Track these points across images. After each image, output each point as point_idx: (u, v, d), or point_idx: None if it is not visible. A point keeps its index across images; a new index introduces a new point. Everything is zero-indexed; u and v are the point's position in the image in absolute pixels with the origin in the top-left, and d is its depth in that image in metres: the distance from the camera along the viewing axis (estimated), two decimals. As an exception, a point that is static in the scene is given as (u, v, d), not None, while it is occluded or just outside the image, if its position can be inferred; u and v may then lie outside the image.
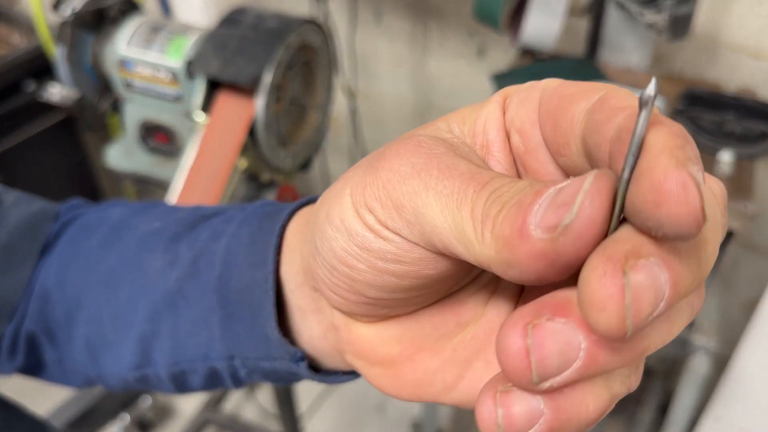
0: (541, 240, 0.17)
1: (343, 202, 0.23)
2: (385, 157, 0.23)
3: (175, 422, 1.91)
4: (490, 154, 0.24)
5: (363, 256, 0.23)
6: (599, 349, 0.18)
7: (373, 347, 0.26)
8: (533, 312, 0.18)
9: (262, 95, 0.82)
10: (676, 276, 0.17)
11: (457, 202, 0.20)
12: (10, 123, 1.69)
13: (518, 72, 1.11)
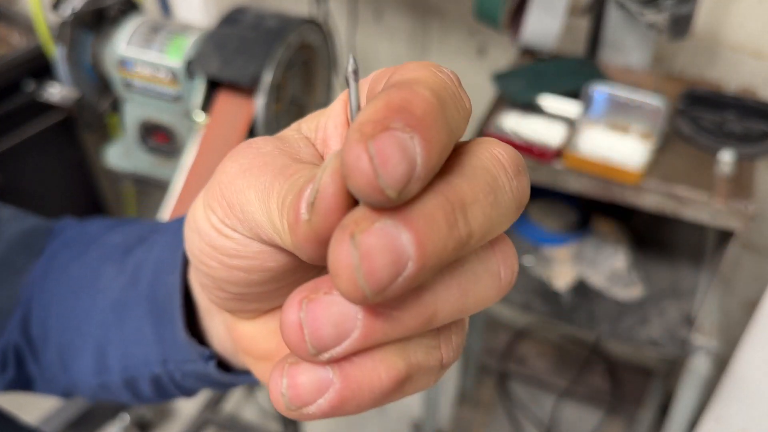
0: (306, 222, 0.18)
1: (197, 205, 0.25)
2: (223, 161, 0.24)
3: (174, 423, 1.91)
4: (328, 148, 0.24)
5: (213, 253, 0.24)
6: (376, 319, 0.18)
7: (256, 342, 0.28)
8: (311, 287, 0.19)
9: (261, 95, 0.81)
10: (420, 235, 0.17)
11: (267, 195, 0.21)
12: (9, 123, 1.69)
13: (518, 72, 1.11)
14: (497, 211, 0.19)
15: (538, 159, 0.94)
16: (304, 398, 0.19)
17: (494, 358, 1.95)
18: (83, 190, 2.02)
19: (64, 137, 1.89)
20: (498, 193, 0.19)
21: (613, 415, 1.80)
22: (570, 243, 1.17)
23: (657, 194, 0.91)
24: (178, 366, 0.33)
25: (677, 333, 1.04)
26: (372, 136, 0.16)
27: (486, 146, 0.21)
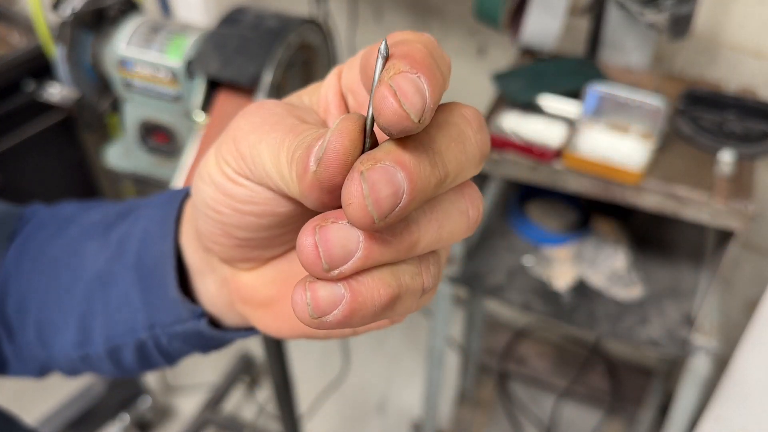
0: (313, 173, 0.23)
1: (209, 160, 0.29)
2: (236, 119, 0.28)
3: (174, 423, 1.91)
4: (329, 114, 0.29)
5: (226, 201, 0.28)
6: (373, 242, 0.23)
7: (256, 290, 0.32)
8: (322, 217, 0.23)
9: (261, 95, 0.81)
10: (411, 173, 0.22)
11: (278, 149, 0.25)
12: (9, 123, 1.69)
13: (518, 71, 1.11)
14: (466, 156, 0.24)
15: (538, 159, 0.94)
16: (323, 308, 0.23)
17: (494, 358, 1.95)
18: (83, 190, 2.02)
19: (64, 137, 1.89)
20: (465, 143, 0.24)
21: (613, 415, 1.80)
22: (570, 243, 1.17)
23: (657, 194, 0.91)
24: (166, 329, 0.36)
25: (677, 333, 1.04)
26: (392, 78, 0.21)
27: (455, 107, 0.25)
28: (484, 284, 1.13)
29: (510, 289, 1.11)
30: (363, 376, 2.04)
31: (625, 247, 1.17)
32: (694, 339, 1.02)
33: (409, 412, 1.90)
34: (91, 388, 1.71)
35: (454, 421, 1.82)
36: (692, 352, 1.03)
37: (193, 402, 1.92)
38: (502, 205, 1.28)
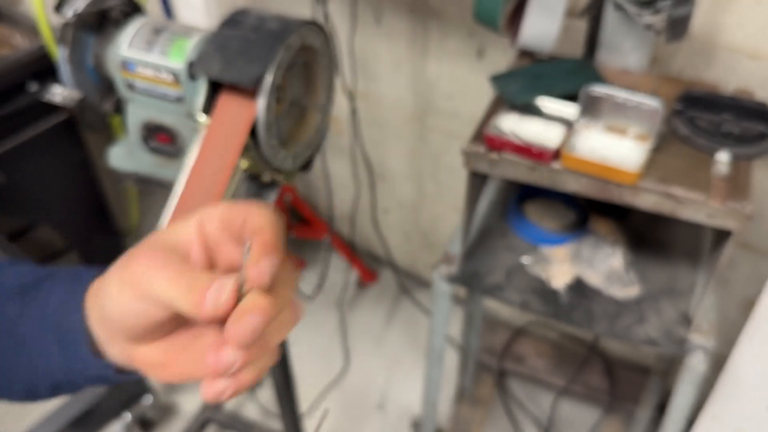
0: (208, 308, 0.38)
1: (110, 284, 0.42)
2: (135, 255, 0.42)
3: (176, 421, 1.92)
4: (193, 254, 0.43)
5: (126, 314, 0.41)
6: (246, 353, 0.39)
7: (150, 357, 0.44)
8: (218, 342, 0.39)
9: (263, 96, 0.82)
10: (266, 314, 0.38)
11: (173, 283, 0.39)
12: (12, 123, 1.70)
13: (517, 73, 1.12)
14: (292, 289, 0.43)
15: (536, 159, 0.95)
16: (223, 393, 0.41)
17: (493, 357, 1.96)
18: (86, 189, 2.03)
19: (67, 138, 1.90)
20: (292, 281, 0.43)
21: (611, 413, 1.81)
22: (568, 243, 1.18)
23: (654, 194, 0.92)
24: (81, 374, 0.48)
25: (674, 332, 1.05)
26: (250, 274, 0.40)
27: (285, 262, 0.42)
28: (483, 283, 1.14)
29: (508, 289, 1.12)
30: (363, 374, 2.05)
31: (623, 246, 1.18)
32: (691, 338, 1.03)
33: (409, 410, 1.91)
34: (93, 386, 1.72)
35: (453, 419, 1.83)
36: (689, 351, 1.04)
37: (195, 401, 1.93)
38: (501, 206, 1.29)
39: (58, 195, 1.94)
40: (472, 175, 1.04)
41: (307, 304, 2.24)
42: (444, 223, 2.07)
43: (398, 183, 2.10)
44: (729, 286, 1.55)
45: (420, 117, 1.86)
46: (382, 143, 2.02)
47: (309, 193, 2.43)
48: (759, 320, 1.05)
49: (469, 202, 1.11)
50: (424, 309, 2.21)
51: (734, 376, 1.14)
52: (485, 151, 0.99)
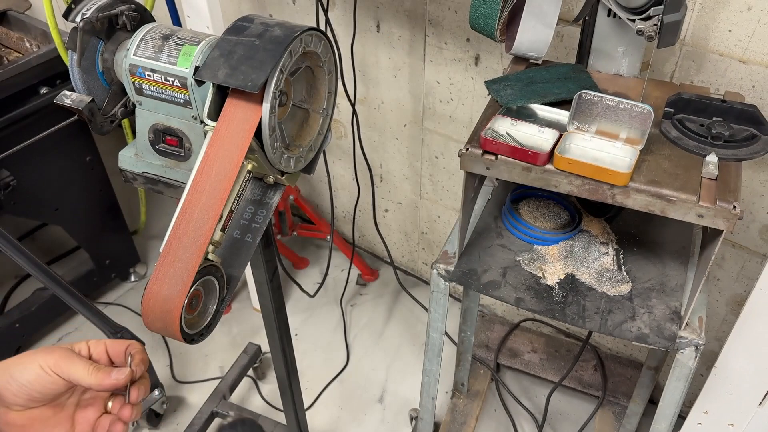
0: (109, 382, 0.66)
1: (32, 363, 0.64)
2: (51, 350, 0.65)
3: (183, 414, 1.95)
4: (103, 355, 0.70)
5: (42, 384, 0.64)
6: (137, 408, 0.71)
7: (16, 421, 0.64)
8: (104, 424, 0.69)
9: (267, 101, 0.85)
10: (147, 387, 0.71)
11: (83, 367, 0.64)
12: (24, 126, 1.72)
13: (512, 78, 1.15)
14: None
15: (530, 162, 0.98)
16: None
17: (489, 352, 1.99)
18: (96, 190, 2.05)
19: (78, 140, 1.93)
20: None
21: (603, 407, 1.83)
22: (561, 242, 1.20)
23: (645, 195, 0.94)
24: None
25: (665, 328, 1.07)
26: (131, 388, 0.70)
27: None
28: (479, 281, 1.16)
29: (504, 286, 1.15)
30: (363, 369, 2.07)
31: (615, 245, 1.21)
32: (681, 334, 1.05)
33: (408, 403, 1.94)
34: None
35: (450, 412, 1.86)
36: (680, 347, 1.05)
37: (201, 394, 1.96)
38: (497, 206, 1.31)
39: (69, 196, 1.97)
40: (469, 176, 1.07)
41: (310, 301, 2.27)
42: (441, 222, 2.10)
43: (397, 184, 2.12)
44: (718, 283, 1.57)
45: (418, 120, 1.89)
46: (382, 146, 2.05)
47: (312, 194, 2.45)
48: (748, 317, 1.07)
49: (466, 202, 1.13)
50: (422, 306, 2.24)
51: (725, 372, 1.16)
52: (481, 153, 1.01)
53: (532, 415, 1.89)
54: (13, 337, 2.03)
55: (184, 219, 0.82)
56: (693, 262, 1.18)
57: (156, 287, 0.78)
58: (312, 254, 2.46)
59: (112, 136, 1.22)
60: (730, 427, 1.21)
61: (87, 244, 2.13)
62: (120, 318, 1.87)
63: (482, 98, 1.69)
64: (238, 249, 0.96)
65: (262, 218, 0.99)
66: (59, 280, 1.49)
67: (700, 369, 1.69)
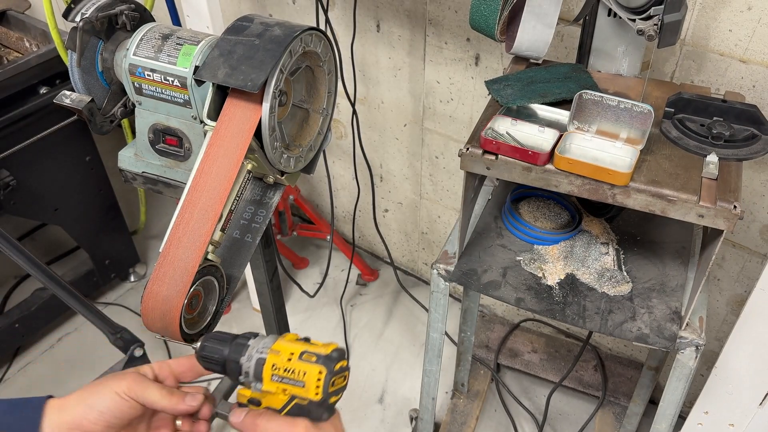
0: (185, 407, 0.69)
1: (105, 391, 0.66)
2: (122, 375, 0.67)
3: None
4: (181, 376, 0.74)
5: (118, 409, 0.66)
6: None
7: None
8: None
9: (267, 100, 0.85)
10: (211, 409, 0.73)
11: (160, 392, 0.67)
12: (24, 126, 1.72)
13: (512, 78, 1.15)
14: None
15: (530, 161, 0.98)
16: None
17: (489, 352, 1.99)
18: (96, 190, 2.05)
19: (78, 140, 1.92)
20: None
21: (604, 407, 1.83)
22: (561, 242, 1.20)
23: (646, 195, 0.94)
24: None
25: (665, 328, 1.06)
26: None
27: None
28: (479, 281, 1.16)
29: (504, 286, 1.15)
30: (364, 369, 2.07)
31: (615, 245, 1.21)
32: (681, 334, 1.05)
33: (408, 404, 1.94)
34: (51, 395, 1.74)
35: (450, 412, 1.86)
36: (680, 347, 1.05)
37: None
38: (497, 206, 1.31)
39: (69, 196, 1.96)
40: (469, 176, 1.07)
41: (310, 301, 2.27)
42: (442, 222, 2.10)
43: (397, 184, 2.12)
44: (719, 283, 1.57)
45: (418, 120, 1.89)
46: (382, 146, 2.05)
47: (312, 194, 2.45)
48: (749, 317, 1.07)
49: (466, 202, 1.13)
50: (422, 306, 2.24)
51: (725, 372, 1.16)
52: (481, 153, 1.01)
53: (533, 415, 1.89)
54: (13, 337, 2.03)
55: (184, 219, 0.81)
56: (693, 262, 1.18)
57: (156, 287, 0.78)
58: (312, 254, 2.46)
59: (111, 136, 1.22)
60: (730, 427, 1.21)
61: (87, 244, 2.13)
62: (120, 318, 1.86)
63: (482, 98, 1.68)
64: (238, 249, 0.96)
65: (262, 218, 0.99)
66: (59, 280, 1.48)
67: (700, 369, 1.69)
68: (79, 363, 2.07)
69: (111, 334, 1.63)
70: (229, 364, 0.66)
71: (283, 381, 0.64)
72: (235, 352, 0.66)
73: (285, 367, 0.64)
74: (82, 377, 1.99)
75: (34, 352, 2.11)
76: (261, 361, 0.65)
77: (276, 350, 0.65)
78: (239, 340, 0.67)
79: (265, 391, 0.65)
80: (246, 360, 0.66)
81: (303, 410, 0.64)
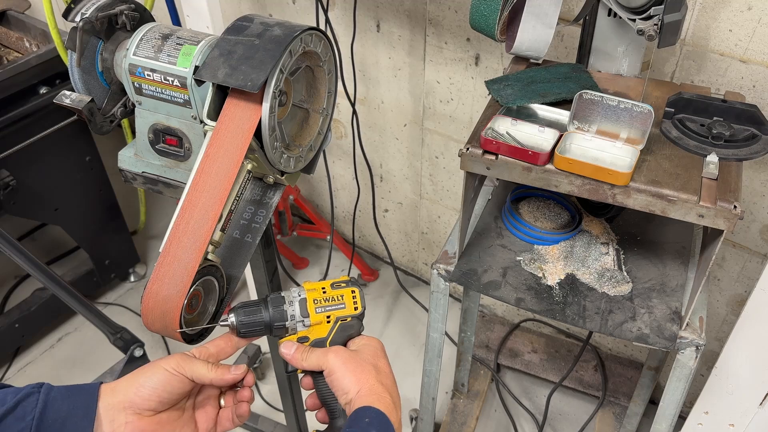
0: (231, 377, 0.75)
1: (156, 369, 0.71)
2: (172, 354, 0.73)
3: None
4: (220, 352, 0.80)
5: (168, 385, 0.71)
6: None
7: (149, 427, 0.70)
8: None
9: (267, 100, 0.85)
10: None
11: (207, 368, 0.73)
12: (24, 126, 1.72)
13: (512, 78, 1.15)
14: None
15: (530, 161, 0.98)
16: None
17: (489, 352, 1.99)
18: (96, 190, 2.05)
19: (78, 140, 1.93)
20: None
21: (604, 408, 1.83)
22: (561, 242, 1.20)
23: (646, 195, 0.94)
24: None
25: (665, 328, 1.07)
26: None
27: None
28: (479, 281, 1.16)
29: (504, 286, 1.15)
30: (363, 370, 2.07)
31: (615, 245, 1.21)
32: (681, 334, 1.05)
33: (408, 404, 1.94)
34: (104, 381, 1.74)
35: (451, 413, 1.86)
36: (680, 347, 1.05)
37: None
38: (497, 206, 1.31)
39: (69, 196, 1.96)
40: (469, 176, 1.07)
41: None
42: (442, 222, 2.10)
43: (397, 184, 2.12)
44: (719, 283, 1.57)
45: (418, 120, 1.89)
46: (382, 146, 2.05)
47: (312, 194, 2.45)
48: (749, 317, 1.07)
49: (466, 202, 1.13)
50: (422, 306, 2.24)
51: (725, 372, 1.16)
52: (481, 153, 1.01)
53: (533, 415, 1.89)
54: (13, 337, 2.03)
55: (184, 219, 0.81)
56: (693, 262, 1.18)
57: (156, 287, 0.78)
58: (312, 254, 2.46)
59: (111, 136, 1.22)
60: (730, 427, 1.21)
61: (87, 244, 2.13)
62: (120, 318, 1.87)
63: (482, 98, 1.68)
64: (238, 249, 0.96)
65: (262, 218, 0.99)
66: (59, 281, 1.49)
67: (700, 369, 1.69)
68: (79, 363, 2.07)
69: (111, 334, 1.63)
70: (275, 317, 0.77)
71: (326, 309, 0.79)
72: (275, 308, 0.78)
73: (324, 297, 0.79)
74: (82, 377, 1.99)
75: (34, 352, 2.12)
76: (304, 301, 0.78)
77: (311, 289, 0.79)
78: (271, 299, 0.78)
79: (313, 323, 0.78)
80: (289, 306, 0.78)
81: (347, 327, 0.80)
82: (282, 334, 0.79)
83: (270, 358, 2.00)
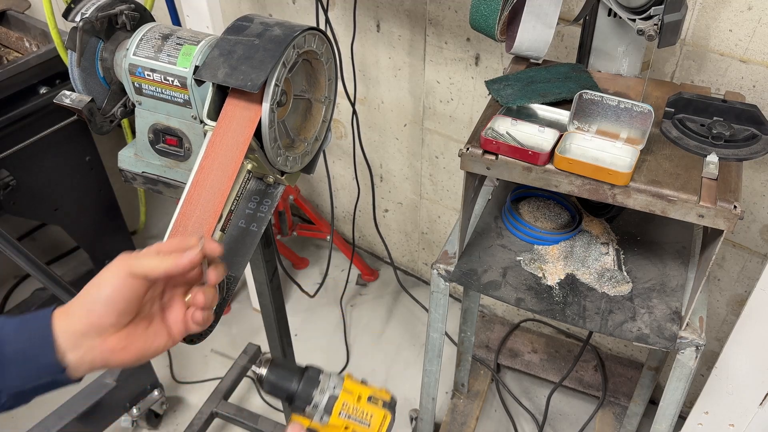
0: (184, 262, 0.63)
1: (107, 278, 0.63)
2: (114, 262, 0.64)
3: (182, 415, 1.95)
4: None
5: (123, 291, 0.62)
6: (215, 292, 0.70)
7: (115, 345, 0.63)
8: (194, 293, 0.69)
9: (267, 100, 0.85)
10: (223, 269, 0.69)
11: (152, 256, 0.63)
12: (23, 126, 1.72)
13: (512, 78, 1.15)
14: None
15: (530, 161, 0.98)
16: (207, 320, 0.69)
17: (489, 352, 1.99)
18: (96, 190, 2.05)
19: (78, 139, 1.92)
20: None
21: (604, 408, 1.83)
22: (561, 242, 1.20)
23: (646, 195, 0.94)
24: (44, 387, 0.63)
25: (666, 328, 1.07)
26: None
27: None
28: (479, 281, 1.16)
29: (504, 287, 1.15)
30: (364, 369, 2.07)
31: (615, 245, 1.21)
32: (681, 334, 1.05)
33: (408, 404, 1.94)
34: (102, 381, 1.74)
35: (451, 413, 1.86)
36: (680, 347, 1.05)
37: (200, 395, 1.96)
38: (497, 206, 1.31)
39: (68, 196, 1.96)
40: (469, 176, 1.07)
41: (310, 301, 2.27)
42: (442, 222, 2.10)
43: (397, 184, 2.12)
44: (719, 283, 1.57)
45: (418, 120, 1.89)
46: (382, 146, 2.05)
47: (312, 194, 2.45)
48: (749, 317, 1.07)
49: (466, 202, 1.13)
50: (422, 306, 2.24)
51: (725, 373, 1.16)
52: (481, 153, 1.01)
53: (533, 415, 1.89)
54: (13, 337, 2.03)
55: (184, 219, 0.81)
56: (693, 262, 1.18)
57: (155, 287, 0.78)
58: (312, 254, 2.46)
59: (111, 136, 1.22)
60: (730, 427, 1.21)
61: (86, 244, 2.13)
62: (120, 318, 1.86)
63: (482, 98, 1.68)
64: (237, 250, 0.96)
65: (263, 216, 0.99)
66: (59, 280, 1.49)
67: (700, 369, 1.69)
68: (79, 363, 2.07)
69: (111, 334, 1.63)
70: (300, 396, 0.72)
71: (350, 419, 0.72)
72: (308, 386, 0.73)
73: (355, 407, 0.73)
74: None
75: (34, 352, 2.11)
76: (333, 398, 0.73)
77: (348, 390, 0.73)
78: (310, 374, 0.74)
79: (331, 424, 0.72)
80: (319, 393, 0.73)
81: None
82: (298, 411, 0.74)
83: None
